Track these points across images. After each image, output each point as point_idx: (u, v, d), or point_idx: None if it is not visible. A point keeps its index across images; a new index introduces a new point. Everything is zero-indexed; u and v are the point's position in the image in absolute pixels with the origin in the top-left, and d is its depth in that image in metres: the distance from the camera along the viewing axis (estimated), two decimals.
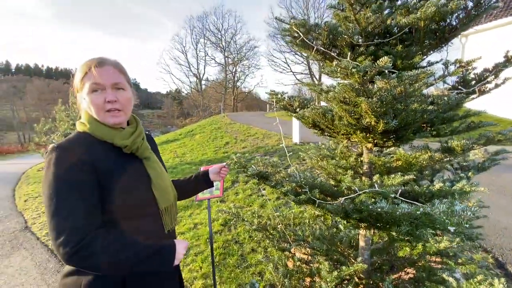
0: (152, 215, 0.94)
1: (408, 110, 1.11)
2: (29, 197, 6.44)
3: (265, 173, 1.54)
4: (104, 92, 0.88)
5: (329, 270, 1.43)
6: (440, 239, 1.65)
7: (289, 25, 1.29)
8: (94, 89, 0.87)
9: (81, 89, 0.89)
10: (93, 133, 0.88)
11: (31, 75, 61.23)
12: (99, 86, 0.87)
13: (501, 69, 1.33)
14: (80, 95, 0.92)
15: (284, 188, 1.43)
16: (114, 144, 0.90)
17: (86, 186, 0.79)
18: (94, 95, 0.87)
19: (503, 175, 4.58)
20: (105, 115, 0.89)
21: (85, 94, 0.88)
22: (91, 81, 0.86)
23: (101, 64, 0.88)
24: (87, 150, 0.83)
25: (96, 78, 0.86)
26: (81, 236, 0.73)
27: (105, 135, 0.89)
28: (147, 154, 0.97)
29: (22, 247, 3.75)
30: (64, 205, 0.75)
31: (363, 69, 0.90)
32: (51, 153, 0.79)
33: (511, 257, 2.56)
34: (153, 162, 0.98)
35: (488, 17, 9.83)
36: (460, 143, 1.14)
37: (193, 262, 2.91)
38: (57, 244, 0.72)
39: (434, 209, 0.79)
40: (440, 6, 1.04)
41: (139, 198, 0.89)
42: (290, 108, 1.63)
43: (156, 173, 0.96)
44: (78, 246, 0.71)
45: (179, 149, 9.86)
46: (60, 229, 0.72)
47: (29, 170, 11.40)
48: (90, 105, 0.88)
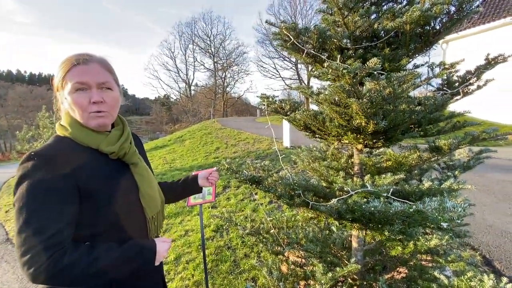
0: (138, 224, 0.89)
1: (397, 110, 1.14)
2: (10, 208, 6.16)
3: (258, 178, 1.53)
4: (89, 92, 0.80)
5: (323, 272, 1.43)
6: (430, 238, 1.68)
7: (279, 28, 1.30)
8: (77, 88, 0.79)
9: (63, 88, 0.81)
10: (75, 138, 0.81)
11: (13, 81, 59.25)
12: (83, 85, 0.79)
13: (483, 71, 1.39)
14: (60, 93, 0.83)
15: (278, 192, 1.42)
16: (99, 150, 0.83)
17: (63, 200, 0.72)
18: (77, 94, 0.79)
19: (486, 175, 4.75)
20: (89, 117, 0.81)
21: (67, 94, 0.80)
22: (74, 79, 0.78)
23: (85, 61, 0.81)
24: (68, 158, 0.75)
25: (80, 77, 0.78)
26: (50, 253, 0.66)
27: (89, 140, 0.82)
28: (135, 159, 0.91)
29: (3, 260, 3.57)
30: (35, 219, 0.67)
31: (354, 70, 0.92)
32: (26, 161, 0.71)
33: (498, 254, 2.64)
34: (140, 169, 0.92)
35: (467, 24, 10.32)
36: (447, 142, 1.17)
37: (184, 270, 2.85)
38: (23, 262, 0.65)
39: (426, 206, 0.80)
40: (425, 11, 1.08)
41: (125, 209, 0.83)
42: (281, 111, 1.64)
43: (144, 180, 0.91)
44: (45, 265, 0.65)
45: (168, 155, 9.72)
46: (28, 246, 0.66)
47: (11, 179, 10.94)
48: (72, 105, 0.80)
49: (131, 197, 0.86)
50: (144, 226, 0.91)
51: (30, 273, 0.65)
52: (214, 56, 35.18)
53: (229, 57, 35.38)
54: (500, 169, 4.94)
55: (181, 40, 36.37)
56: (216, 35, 35.24)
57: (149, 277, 0.95)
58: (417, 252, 1.69)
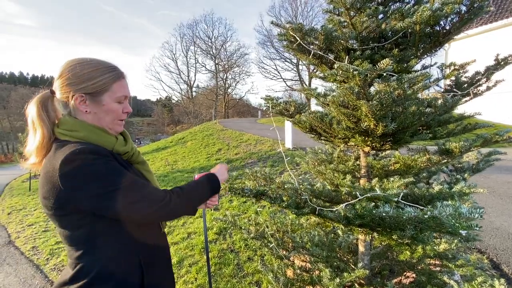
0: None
1: (406, 112, 1.11)
2: (13, 210, 6.16)
3: (261, 190, 1.49)
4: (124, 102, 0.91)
5: (331, 277, 1.40)
6: (438, 242, 1.64)
7: (286, 29, 1.28)
8: (121, 100, 0.89)
9: (103, 92, 0.84)
10: (89, 140, 0.82)
11: (15, 84, 59.60)
12: (126, 99, 0.91)
13: (492, 72, 1.36)
14: (92, 95, 0.83)
15: (284, 202, 1.39)
16: (114, 151, 0.87)
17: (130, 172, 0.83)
18: (118, 105, 0.88)
19: (491, 176, 4.70)
20: (117, 123, 0.90)
21: (108, 99, 0.85)
22: (123, 92, 0.88)
23: (125, 75, 0.91)
24: (107, 153, 0.82)
25: (127, 91, 0.90)
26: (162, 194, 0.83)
27: (104, 141, 0.85)
28: (141, 158, 0.99)
29: (6, 262, 3.55)
30: (132, 181, 0.79)
31: (364, 72, 0.89)
32: (77, 155, 0.73)
33: (505, 257, 2.60)
34: (147, 166, 1.00)
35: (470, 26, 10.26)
36: (458, 145, 1.14)
37: (187, 273, 2.82)
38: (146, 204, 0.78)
39: (441, 212, 0.77)
40: (435, 10, 1.05)
41: None
42: (286, 113, 1.62)
43: (151, 175, 0.99)
44: (164, 202, 0.81)
45: (170, 156, 9.71)
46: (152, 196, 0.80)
47: (13, 181, 10.96)
48: (109, 111, 0.86)
49: None
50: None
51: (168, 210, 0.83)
52: (216, 57, 35.26)
53: (230, 58, 35.46)
54: (505, 170, 4.89)
55: (182, 41, 36.30)
56: (218, 37, 35.37)
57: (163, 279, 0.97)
58: (425, 256, 1.66)
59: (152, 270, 0.90)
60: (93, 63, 0.84)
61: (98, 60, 0.87)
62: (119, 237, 0.82)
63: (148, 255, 0.89)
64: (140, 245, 0.87)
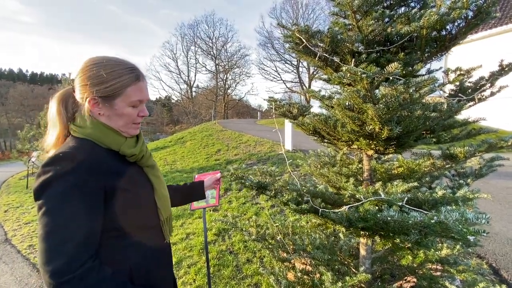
0: (155, 226, 0.91)
1: (412, 116, 1.11)
2: (9, 207, 6.12)
3: (264, 183, 1.49)
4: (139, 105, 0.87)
5: (332, 281, 1.39)
6: (440, 247, 1.64)
7: (292, 31, 1.28)
8: (135, 105, 0.84)
9: (115, 96, 0.81)
10: (96, 139, 0.80)
11: (14, 80, 59.29)
12: (141, 103, 0.86)
13: (497, 77, 1.36)
14: (106, 98, 0.81)
15: (285, 197, 1.39)
16: (120, 152, 0.84)
17: (93, 206, 0.72)
18: (131, 109, 0.84)
19: (490, 182, 4.71)
20: (131, 127, 0.86)
21: (121, 103, 0.81)
22: (137, 97, 0.83)
23: (143, 78, 0.86)
24: (96, 159, 0.76)
25: (142, 95, 0.84)
26: (76, 266, 0.65)
27: (111, 142, 0.82)
28: (151, 162, 0.94)
29: (1, 261, 3.52)
30: (64, 225, 0.66)
31: (372, 75, 0.89)
32: (54, 163, 0.69)
33: (505, 263, 2.60)
34: (156, 171, 0.95)
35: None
36: (463, 150, 1.14)
37: (186, 274, 2.80)
38: (46, 270, 0.63)
39: (448, 218, 0.77)
40: (442, 15, 1.05)
41: (144, 210, 0.85)
42: (290, 114, 1.61)
43: (159, 181, 0.93)
44: (69, 277, 0.64)
45: (169, 156, 9.68)
46: (53, 254, 0.64)
47: (10, 178, 10.89)
48: (123, 115, 0.83)
49: (149, 198, 0.89)
50: (159, 229, 0.92)
51: (56, 282, 0.63)
52: (216, 58, 35.27)
53: (231, 59, 35.48)
54: (505, 176, 4.90)
55: (183, 41, 36.27)
56: (219, 37, 35.37)
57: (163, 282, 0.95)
58: (427, 261, 1.65)
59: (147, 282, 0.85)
60: (110, 64, 0.81)
61: (116, 60, 0.83)
62: (108, 248, 0.77)
63: (142, 271, 0.84)
64: (133, 262, 0.81)
